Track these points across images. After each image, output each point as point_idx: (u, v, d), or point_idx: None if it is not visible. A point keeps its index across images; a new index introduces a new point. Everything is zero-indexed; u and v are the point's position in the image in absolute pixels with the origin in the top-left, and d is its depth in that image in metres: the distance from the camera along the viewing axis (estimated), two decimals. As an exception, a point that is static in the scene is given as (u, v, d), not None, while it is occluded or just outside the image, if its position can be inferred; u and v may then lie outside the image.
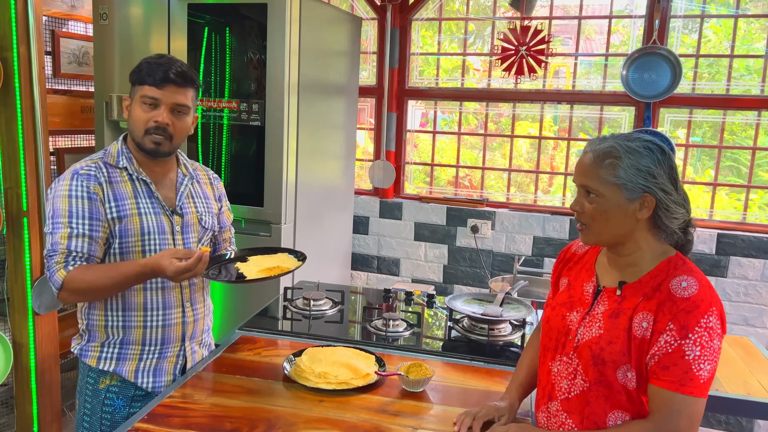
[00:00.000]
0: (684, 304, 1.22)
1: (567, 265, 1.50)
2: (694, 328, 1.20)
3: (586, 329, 1.34)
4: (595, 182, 1.28)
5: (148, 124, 1.60)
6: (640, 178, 1.25)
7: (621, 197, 1.26)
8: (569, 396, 1.35)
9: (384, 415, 1.48)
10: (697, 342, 1.20)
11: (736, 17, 3.05)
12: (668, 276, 1.27)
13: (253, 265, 1.75)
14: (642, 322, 1.26)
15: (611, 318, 1.31)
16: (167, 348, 1.71)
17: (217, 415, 1.45)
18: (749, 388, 1.90)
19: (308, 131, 2.79)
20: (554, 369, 1.40)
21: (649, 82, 3.05)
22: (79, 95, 3.04)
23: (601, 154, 1.28)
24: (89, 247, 1.57)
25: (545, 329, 1.46)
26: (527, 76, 3.29)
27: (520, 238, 3.35)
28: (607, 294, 1.35)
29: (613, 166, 1.26)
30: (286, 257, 1.83)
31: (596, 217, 1.29)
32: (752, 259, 3.01)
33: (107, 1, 2.75)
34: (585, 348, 1.32)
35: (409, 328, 2.03)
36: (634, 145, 1.27)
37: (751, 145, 3.11)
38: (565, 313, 1.41)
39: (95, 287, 1.56)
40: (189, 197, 1.75)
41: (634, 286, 1.31)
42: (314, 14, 2.76)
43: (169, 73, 1.59)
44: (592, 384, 1.31)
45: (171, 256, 1.52)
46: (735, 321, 3.07)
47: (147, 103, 1.60)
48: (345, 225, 3.42)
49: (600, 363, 1.29)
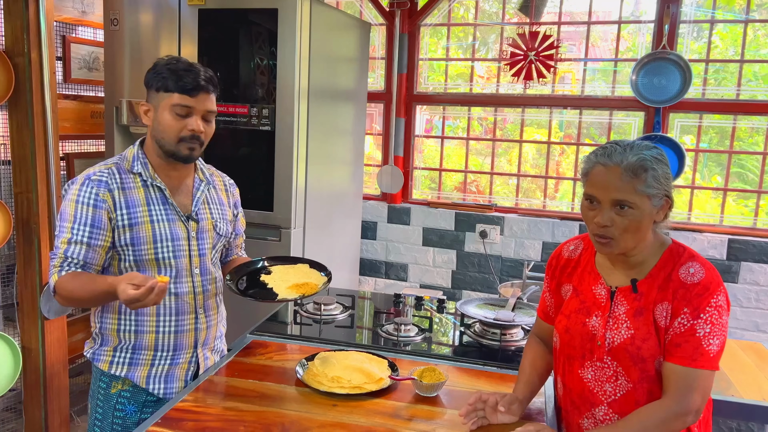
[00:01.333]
0: (696, 289, 1.30)
1: (565, 271, 1.51)
2: (705, 308, 1.29)
3: (615, 332, 1.37)
4: (632, 195, 1.28)
5: (183, 133, 1.58)
6: (665, 185, 1.31)
7: (650, 205, 1.30)
8: (615, 397, 1.38)
9: (398, 419, 1.47)
10: (708, 320, 1.29)
11: (745, 22, 3.05)
12: (675, 265, 1.34)
13: (279, 279, 1.72)
14: (662, 312, 1.33)
15: (637, 316, 1.35)
16: (179, 354, 1.70)
17: (230, 419, 1.44)
18: (764, 394, 1.88)
19: (318, 136, 2.80)
20: (587, 375, 1.41)
21: (659, 87, 3.05)
22: (90, 100, 3.05)
23: (635, 168, 1.28)
24: (86, 254, 1.56)
25: (565, 339, 1.46)
26: (536, 81, 3.29)
27: (529, 244, 3.34)
28: (623, 294, 1.38)
29: (647, 177, 1.28)
30: (307, 269, 1.81)
31: (629, 229, 1.30)
32: (764, 264, 2.99)
33: (118, 7, 2.77)
34: (621, 350, 1.35)
35: (420, 333, 2.02)
36: (655, 153, 1.31)
37: (759, 150, 3.09)
38: (584, 320, 1.42)
39: (76, 297, 1.54)
40: (205, 203, 1.74)
41: (647, 282, 1.36)
42: (324, 20, 2.77)
43: (199, 80, 1.57)
44: (635, 383, 1.35)
45: (128, 281, 1.40)
46: (746, 327, 3.05)
47: (180, 112, 1.58)
48: (353, 230, 3.42)
49: (640, 361, 1.34)
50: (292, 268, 1.81)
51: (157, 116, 1.60)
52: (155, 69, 1.60)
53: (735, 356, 2.20)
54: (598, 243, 1.35)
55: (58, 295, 1.56)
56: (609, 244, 1.33)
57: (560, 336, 1.48)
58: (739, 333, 3.03)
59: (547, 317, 1.59)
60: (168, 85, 1.57)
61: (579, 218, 3.30)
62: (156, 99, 1.60)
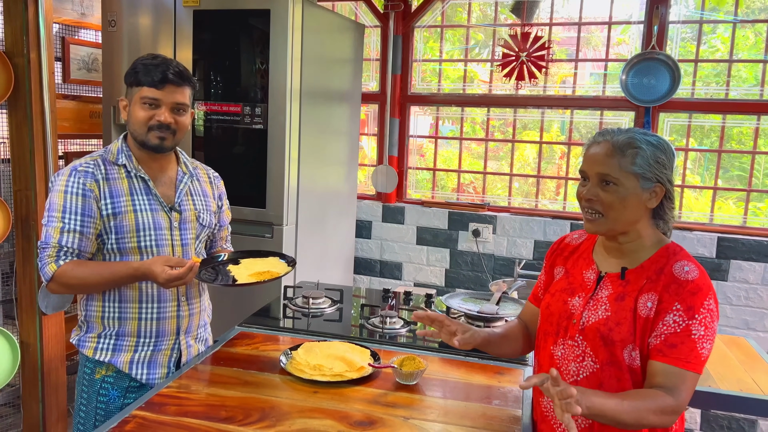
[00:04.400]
0: (689, 286, 1.31)
1: (562, 254, 1.56)
2: (699, 309, 1.29)
3: (592, 312, 1.39)
4: (616, 171, 1.33)
5: (151, 122, 1.65)
6: (656, 169, 1.33)
7: (637, 186, 1.33)
8: (578, 378, 1.39)
9: (377, 405, 1.51)
10: (702, 322, 1.29)
11: (734, 23, 3.08)
12: (669, 261, 1.35)
13: (245, 269, 1.77)
14: (647, 302, 1.33)
15: (617, 301, 1.37)
16: (162, 341, 1.75)
17: (212, 404, 1.48)
18: (742, 386, 1.90)
19: (311, 136, 2.84)
20: (557, 353, 1.44)
21: (648, 86, 3.08)
22: (88, 100, 3.11)
23: (622, 145, 1.33)
24: (80, 242, 1.63)
25: (545, 315, 1.50)
26: (528, 82, 3.33)
27: (521, 242, 3.38)
28: (610, 279, 1.41)
29: (634, 155, 1.32)
30: (277, 261, 1.85)
31: (614, 205, 1.34)
32: (753, 262, 3.01)
33: (116, 9, 2.83)
34: (592, 330, 1.37)
35: (405, 326, 2.05)
36: (651, 138, 1.35)
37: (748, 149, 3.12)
38: (566, 299, 1.45)
39: (86, 283, 1.63)
40: (188, 195, 1.80)
41: (637, 271, 1.38)
42: (317, 22, 2.82)
43: (167, 73, 1.65)
44: (603, 365, 1.36)
45: (164, 263, 1.59)
46: (736, 324, 3.07)
47: (147, 103, 1.65)
48: (348, 229, 3.46)
49: (610, 344, 1.35)
50: (261, 261, 1.85)
51: (130, 110, 1.69)
52: (132, 66, 1.69)
53: (717, 350, 2.23)
54: (586, 220, 1.39)
55: (54, 282, 1.62)
56: (595, 220, 1.37)
57: (541, 312, 1.52)
58: (729, 330, 3.05)
59: (536, 299, 1.62)
60: (139, 79, 1.66)
61: (571, 217, 3.34)
62: (130, 93, 1.70)
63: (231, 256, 1.86)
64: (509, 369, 1.76)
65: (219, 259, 1.84)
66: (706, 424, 3.09)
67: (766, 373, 2.01)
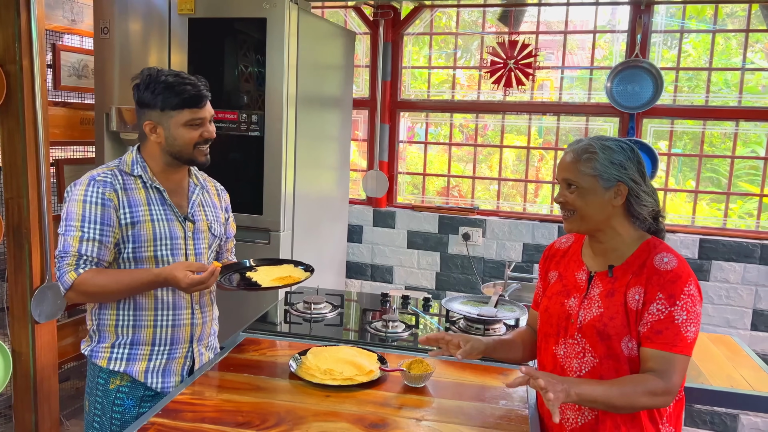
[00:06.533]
0: (669, 276, 1.42)
1: (554, 260, 1.67)
2: (680, 295, 1.40)
3: (587, 311, 1.50)
4: (576, 175, 1.48)
5: (199, 140, 1.70)
6: (613, 170, 1.46)
7: (598, 186, 1.46)
8: (581, 373, 1.49)
9: (389, 408, 1.55)
10: (683, 308, 1.40)
11: (713, 32, 3.19)
12: (650, 254, 1.47)
13: (264, 275, 1.82)
14: (635, 295, 1.44)
15: (608, 297, 1.48)
16: (176, 348, 1.76)
17: (228, 409, 1.51)
18: (732, 382, 1.99)
19: (305, 142, 2.87)
20: (560, 352, 1.54)
21: (632, 93, 3.18)
22: (79, 107, 3.10)
23: (580, 151, 1.48)
24: (99, 251, 1.64)
25: (544, 317, 1.60)
26: (515, 88, 3.41)
27: (510, 245, 3.45)
28: (599, 278, 1.52)
29: (590, 159, 1.46)
30: (292, 268, 1.91)
31: (577, 203, 1.48)
32: (733, 263, 3.13)
33: (108, 16, 2.83)
34: (589, 327, 1.48)
35: (407, 329, 2.10)
36: (608, 143, 1.48)
37: (729, 154, 3.24)
38: (563, 300, 1.56)
39: (107, 291, 1.64)
40: (200, 206, 1.83)
41: (623, 268, 1.49)
42: (311, 29, 2.85)
43: (201, 91, 1.68)
44: (602, 359, 1.47)
45: (185, 268, 1.61)
46: (718, 323, 3.18)
47: (195, 125, 1.68)
48: (340, 233, 3.50)
49: (606, 338, 1.45)
50: (277, 267, 1.91)
51: (170, 133, 1.68)
52: (150, 88, 1.66)
53: (706, 348, 2.32)
54: (563, 219, 1.54)
55: (74, 291, 1.62)
56: (569, 218, 1.51)
57: (540, 315, 1.63)
58: (711, 329, 3.16)
59: (537, 305, 1.71)
60: (174, 102, 1.65)
61: (558, 220, 3.42)
62: (163, 117, 1.68)
63: (248, 264, 1.90)
64: (512, 370, 1.81)
65: (236, 267, 1.86)
66: (690, 419, 3.20)
67: (752, 369, 2.10)
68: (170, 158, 1.72)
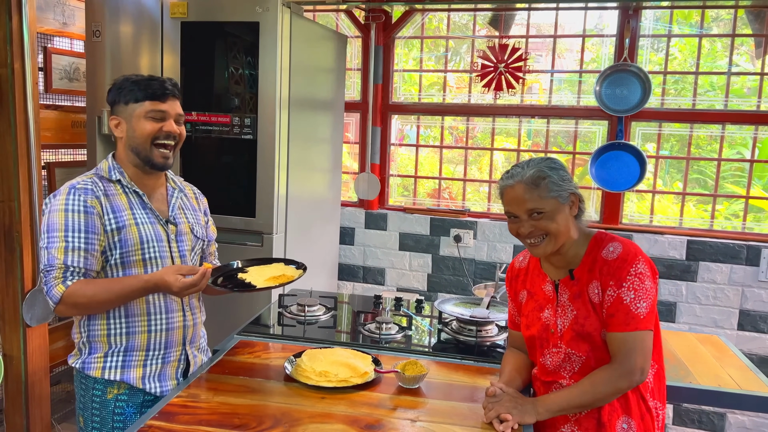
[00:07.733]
0: (616, 263, 1.53)
1: (518, 279, 1.76)
2: (626, 277, 1.50)
3: (563, 318, 1.60)
4: (538, 202, 1.53)
5: (158, 134, 1.67)
6: (565, 185, 1.55)
7: (559, 204, 1.54)
8: (573, 372, 1.59)
9: (384, 409, 1.56)
10: (630, 287, 1.50)
11: (700, 36, 3.25)
12: (599, 249, 1.58)
13: (257, 275, 1.81)
14: (594, 289, 1.56)
15: (576, 299, 1.58)
16: (170, 352, 1.77)
17: (224, 412, 1.52)
18: (720, 381, 2.03)
19: (298, 145, 2.89)
20: (546, 362, 1.64)
21: (620, 97, 3.22)
22: (70, 110, 3.09)
23: (531, 180, 1.54)
24: (85, 261, 1.61)
25: (527, 335, 1.70)
26: (506, 92, 3.44)
27: (501, 247, 3.48)
28: (564, 284, 1.61)
29: (546, 183, 1.54)
30: (283, 266, 1.90)
31: (549, 227, 1.54)
32: (720, 264, 3.17)
33: (100, 19, 2.82)
34: (569, 332, 1.58)
35: (400, 331, 2.12)
36: (548, 163, 1.57)
37: (715, 157, 3.29)
38: (539, 315, 1.66)
39: (97, 301, 1.60)
40: (180, 209, 1.83)
41: (580, 268, 1.60)
42: (303, 33, 2.87)
43: (166, 86, 1.69)
44: (587, 354, 1.56)
45: (175, 272, 1.59)
46: (705, 323, 3.22)
47: (155, 117, 1.67)
48: (332, 236, 3.51)
49: (587, 336, 1.55)
50: (268, 267, 1.90)
51: (131, 126, 1.68)
52: (118, 86, 1.70)
53: (693, 348, 2.36)
54: (531, 247, 1.59)
55: (63, 304, 1.58)
56: (538, 245, 1.57)
57: (523, 334, 1.72)
58: (699, 329, 3.21)
59: (515, 325, 1.80)
60: (137, 95, 1.67)
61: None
62: (126, 111, 1.69)
63: (237, 265, 1.89)
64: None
65: (225, 269, 1.87)
66: (678, 418, 3.24)
67: (739, 368, 2.14)
68: (135, 157, 1.70)
